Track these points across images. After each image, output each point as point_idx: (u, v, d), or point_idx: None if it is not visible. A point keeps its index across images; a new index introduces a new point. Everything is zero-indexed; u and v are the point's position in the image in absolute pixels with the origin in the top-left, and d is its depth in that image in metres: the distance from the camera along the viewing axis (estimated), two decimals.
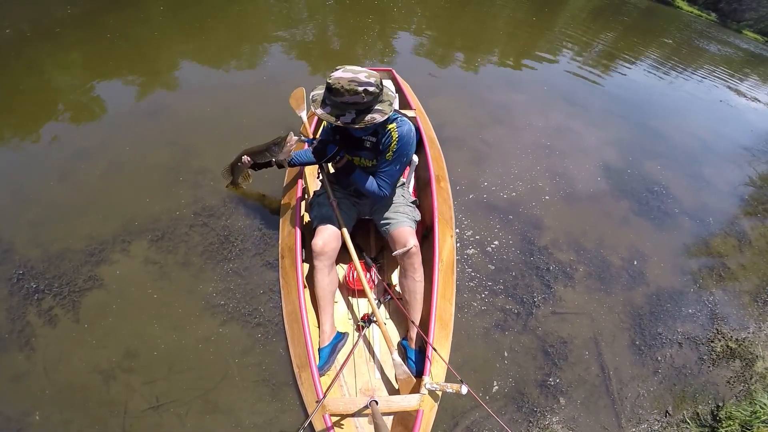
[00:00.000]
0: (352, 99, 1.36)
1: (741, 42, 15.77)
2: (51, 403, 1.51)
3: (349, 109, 1.39)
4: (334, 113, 1.40)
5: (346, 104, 1.38)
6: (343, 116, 1.40)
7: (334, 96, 1.37)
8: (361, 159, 1.69)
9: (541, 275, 2.35)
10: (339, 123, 1.40)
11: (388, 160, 1.61)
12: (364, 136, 1.61)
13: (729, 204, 3.63)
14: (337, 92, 1.36)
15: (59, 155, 2.53)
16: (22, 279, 1.87)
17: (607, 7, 13.30)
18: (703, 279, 2.68)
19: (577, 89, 5.16)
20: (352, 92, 1.35)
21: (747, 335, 2.37)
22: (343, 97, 1.36)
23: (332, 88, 1.36)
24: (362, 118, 1.40)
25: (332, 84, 1.36)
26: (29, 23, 3.89)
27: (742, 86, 8.11)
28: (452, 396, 1.63)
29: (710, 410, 1.93)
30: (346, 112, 1.39)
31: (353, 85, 1.35)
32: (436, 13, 7.16)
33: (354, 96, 1.36)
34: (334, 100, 1.38)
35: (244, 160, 1.75)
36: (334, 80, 1.36)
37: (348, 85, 1.35)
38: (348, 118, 1.40)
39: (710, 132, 5.08)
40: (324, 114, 1.40)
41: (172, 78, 3.58)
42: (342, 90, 1.35)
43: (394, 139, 1.57)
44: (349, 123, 1.40)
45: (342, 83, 1.35)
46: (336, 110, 1.40)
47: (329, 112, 1.40)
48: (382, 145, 1.60)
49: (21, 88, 3.10)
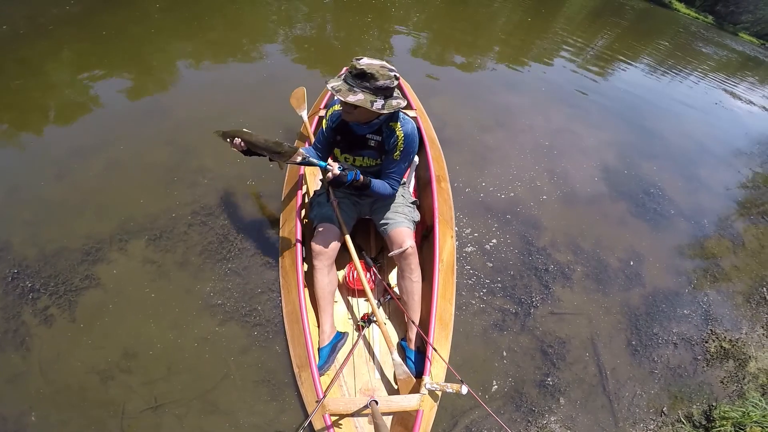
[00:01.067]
0: (385, 83, 1.39)
1: (737, 45, 15.93)
2: (48, 404, 1.49)
3: (379, 95, 1.41)
4: (368, 99, 1.40)
5: (378, 89, 1.39)
6: (375, 102, 1.41)
7: (367, 81, 1.38)
8: (364, 159, 1.68)
9: (540, 275, 2.36)
10: (373, 109, 1.40)
11: (396, 159, 1.62)
12: (368, 134, 1.60)
13: (723, 206, 3.67)
14: (371, 77, 1.37)
15: (56, 154, 2.50)
16: (17, 278, 1.85)
17: (605, 9, 13.37)
18: (697, 280, 2.72)
19: (575, 90, 5.18)
20: (385, 77, 1.38)
21: (740, 336, 2.40)
22: (377, 81, 1.38)
23: (366, 73, 1.37)
24: (390, 103, 1.44)
25: (366, 69, 1.37)
26: (25, 20, 3.84)
27: (737, 89, 8.20)
28: (452, 396, 1.64)
29: (704, 410, 1.96)
30: (377, 99, 1.41)
31: (385, 70, 1.39)
32: (434, 14, 7.16)
33: (386, 80, 1.39)
34: (367, 86, 1.39)
35: (236, 143, 1.58)
36: (366, 65, 1.38)
37: (381, 70, 1.38)
38: (380, 104, 1.41)
39: (706, 134, 5.14)
40: (358, 99, 1.39)
41: (170, 77, 3.55)
42: (377, 74, 1.37)
43: (400, 138, 1.58)
44: (380, 109, 1.41)
45: (375, 68, 1.38)
46: (369, 96, 1.40)
47: (363, 98, 1.39)
48: (388, 144, 1.60)
49: (17, 86, 3.06)
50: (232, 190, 2.41)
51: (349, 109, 1.46)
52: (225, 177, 2.48)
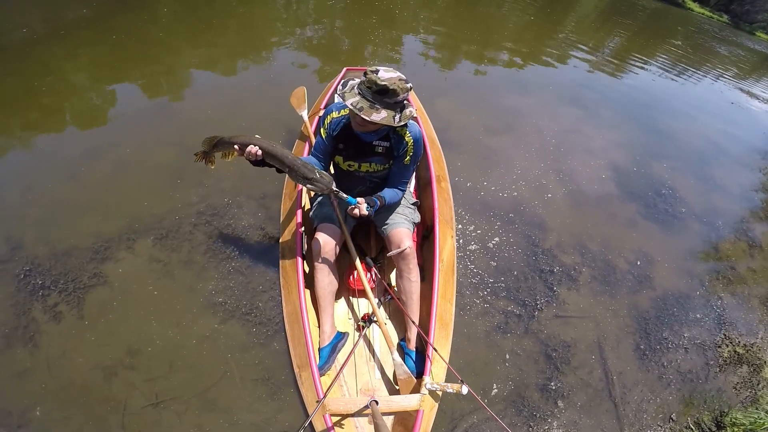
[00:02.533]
0: (404, 96, 1.36)
1: (753, 44, 15.53)
2: (52, 399, 1.52)
3: (398, 109, 1.38)
4: (391, 115, 1.36)
5: (398, 103, 1.37)
6: (396, 116, 1.37)
7: (389, 97, 1.35)
8: (371, 165, 1.66)
9: (545, 277, 2.33)
10: (394, 123, 1.37)
11: (407, 165, 1.62)
12: (375, 141, 1.58)
13: (739, 207, 3.56)
14: (393, 93, 1.34)
15: (68, 155, 2.57)
16: (28, 275, 1.90)
17: (616, 9, 13.19)
18: (710, 283, 2.64)
19: (583, 90, 5.12)
20: (404, 90, 1.35)
21: (756, 341, 2.32)
22: (398, 96, 1.35)
23: (389, 89, 1.33)
24: (405, 114, 1.40)
25: (388, 85, 1.33)
26: (42, 23, 3.97)
27: (754, 89, 7.99)
28: (452, 397, 1.62)
29: (715, 417, 1.89)
30: (396, 113, 1.37)
31: (402, 83, 1.35)
32: (441, 15, 7.16)
33: (405, 93, 1.36)
34: (388, 102, 1.36)
35: (251, 150, 1.42)
36: (388, 81, 1.33)
37: (398, 83, 1.34)
38: (398, 117, 1.38)
39: (721, 134, 5.01)
40: (383, 118, 1.35)
41: (179, 79, 3.62)
42: (398, 89, 1.34)
43: (410, 144, 1.58)
44: (399, 122, 1.38)
45: (395, 83, 1.33)
46: (392, 111, 1.37)
47: (386, 116, 1.36)
48: (398, 150, 1.59)
49: (31, 89, 3.15)
50: (236, 190, 2.44)
51: (363, 122, 1.41)
52: (229, 178, 2.51)
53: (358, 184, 1.75)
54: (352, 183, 1.74)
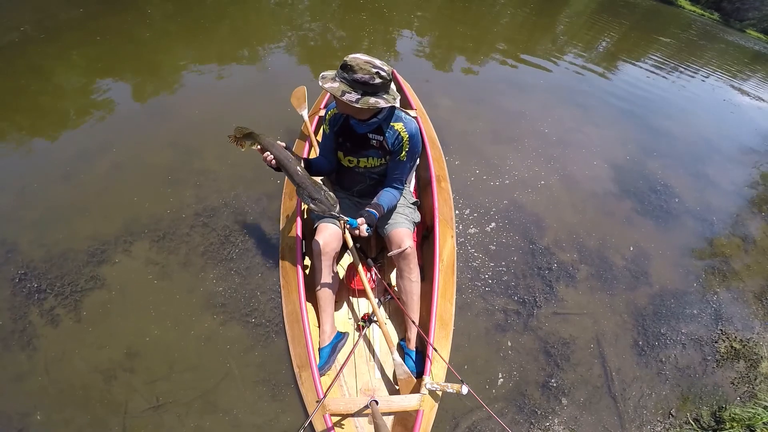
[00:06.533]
0: (363, 78, 1.37)
1: (744, 41, 15.70)
2: (52, 403, 1.51)
3: (357, 89, 1.40)
4: (340, 89, 1.39)
5: (356, 82, 1.38)
6: (348, 93, 1.39)
7: (347, 72, 1.38)
8: (369, 159, 1.67)
9: (543, 275, 2.34)
10: (343, 99, 1.39)
11: (403, 160, 1.63)
12: (368, 133, 1.60)
13: (733, 203, 3.60)
14: (350, 69, 1.37)
15: (63, 156, 2.54)
16: (24, 279, 1.88)
17: (609, 7, 13.28)
18: (707, 279, 2.66)
19: (579, 88, 5.15)
20: (365, 71, 1.37)
21: (752, 336, 2.35)
22: (356, 74, 1.37)
23: (347, 65, 1.38)
24: (366, 100, 1.40)
25: (348, 61, 1.38)
26: (32, 24, 3.92)
27: (745, 85, 8.08)
28: (452, 396, 1.62)
29: (713, 412, 1.91)
30: (352, 91, 1.40)
31: (368, 66, 1.37)
32: (436, 14, 7.17)
33: (365, 75, 1.37)
34: (345, 77, 1.39)
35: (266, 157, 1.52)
36: (350, 58, 1.38)
37: (363, 65, 1.37)
38: (352, 97, 1.39)
39: (714, 131, 5.06)
40: (331, 87, 1.40)
41: (174, 79, 3.59)
42: (356, 67, 1.37)
43: (405, 139, 1.58)
44: (352, 102, 1.39)
45: (358, 62, 1.37)
46: (344, 86, 1.40)
47: (336, 87, 1.40)
48: (392, 145, 1.59)
49: (25, 90, 3.12)
50: (234, 191, 2.43)
51: (343, 106, 1.46)
52: (227, 178, 2.50)
53: (358, 181, 1.76)
54: (353, 180, 1.75)
